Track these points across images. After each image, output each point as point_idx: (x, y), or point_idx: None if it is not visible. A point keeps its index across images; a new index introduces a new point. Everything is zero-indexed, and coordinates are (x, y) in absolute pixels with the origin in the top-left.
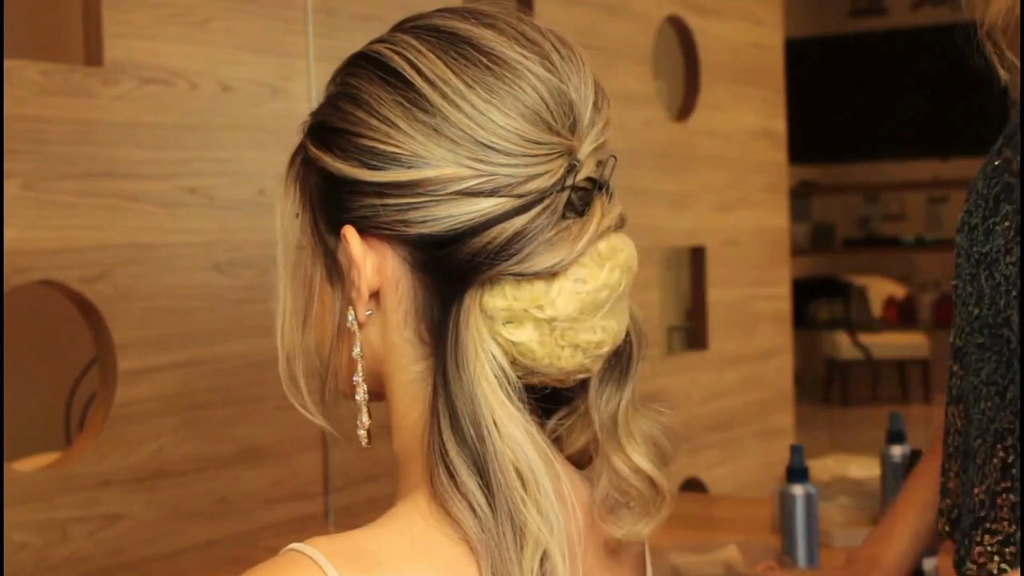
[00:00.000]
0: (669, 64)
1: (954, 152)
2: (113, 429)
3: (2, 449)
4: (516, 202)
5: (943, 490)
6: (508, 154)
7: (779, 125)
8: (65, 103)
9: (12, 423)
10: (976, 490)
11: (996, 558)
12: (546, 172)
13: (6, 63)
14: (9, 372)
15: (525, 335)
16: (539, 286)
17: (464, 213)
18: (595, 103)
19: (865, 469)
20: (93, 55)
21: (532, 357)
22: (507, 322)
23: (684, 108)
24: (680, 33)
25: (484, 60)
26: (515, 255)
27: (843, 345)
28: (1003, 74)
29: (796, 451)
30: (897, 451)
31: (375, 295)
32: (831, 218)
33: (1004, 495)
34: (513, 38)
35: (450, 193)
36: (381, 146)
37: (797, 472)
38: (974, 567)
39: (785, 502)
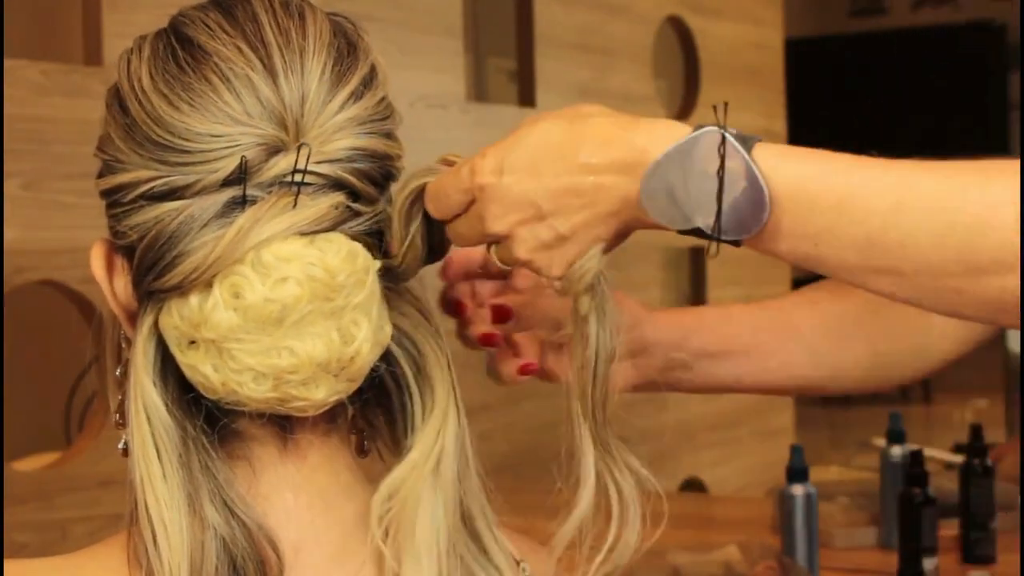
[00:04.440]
0: (669, 64)
1: (954, 152)
2: (113, 429)
3: (2, 449)
4: (179, 203)
5: None
6: (183, 151)
7: (779, 125)
8: (65, 103)
9: (12, 423)
10: None
11: None
12: (219, 168)
13: (6, 63)
14: (9, 372)
15: (197, 358)
16: (194, 302)
17: (147, 220)
18: (327, 97)
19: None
20: (93, 55)
21: (208, 384)
22: (190, 343)
23: (684, 108)
24: (680, 33)
25: (187, 57)
26: (155, 266)
27: None
28: None
29: (796, 451)
30: (897, 451)
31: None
32: None
33: None
34: (240, 32)
35: (137, 197)
36: (102, 154)
37: (797, 472)
38: None
39: (785, 502)
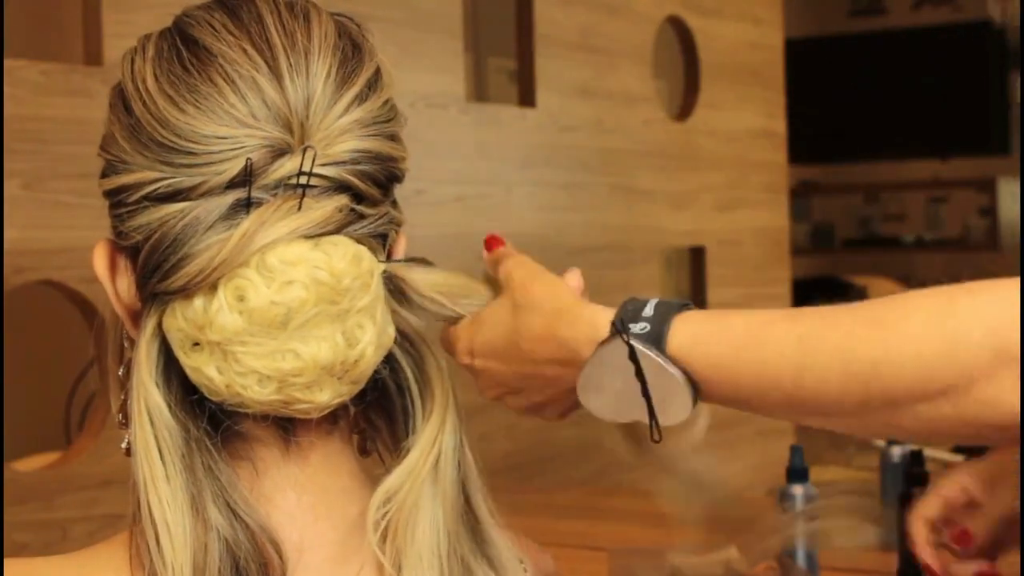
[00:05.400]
0: (669, 64)
1: (954, 152)
2: (113, 429)
3: (2, 449)
4: (184, 205)
5: None
6: (189, 153)
7: (779, 125)
8: (65, 103)
9: (12, 423)
10: None
11: None
12: (224, 171)
13: (6, 63)
14: (9, 372)
15: (201, 360)
16: (198, 304)
17: (152, 221)
18: (332, 99)
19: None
20: (93, 55)
21: (212, 387)
22: (194, 345)
23: (684, 108)
24: (680, 33)
25: (192, 58)
26: (159, 269)
27: None
28: None
29: (796, 451)
30: (896, 451)
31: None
32: (831, 218)
33: None
34: (245, 33)
35: (141, 198)
36: (105, 154)
37: (797, 472)
38: None
39: (785, 502)
